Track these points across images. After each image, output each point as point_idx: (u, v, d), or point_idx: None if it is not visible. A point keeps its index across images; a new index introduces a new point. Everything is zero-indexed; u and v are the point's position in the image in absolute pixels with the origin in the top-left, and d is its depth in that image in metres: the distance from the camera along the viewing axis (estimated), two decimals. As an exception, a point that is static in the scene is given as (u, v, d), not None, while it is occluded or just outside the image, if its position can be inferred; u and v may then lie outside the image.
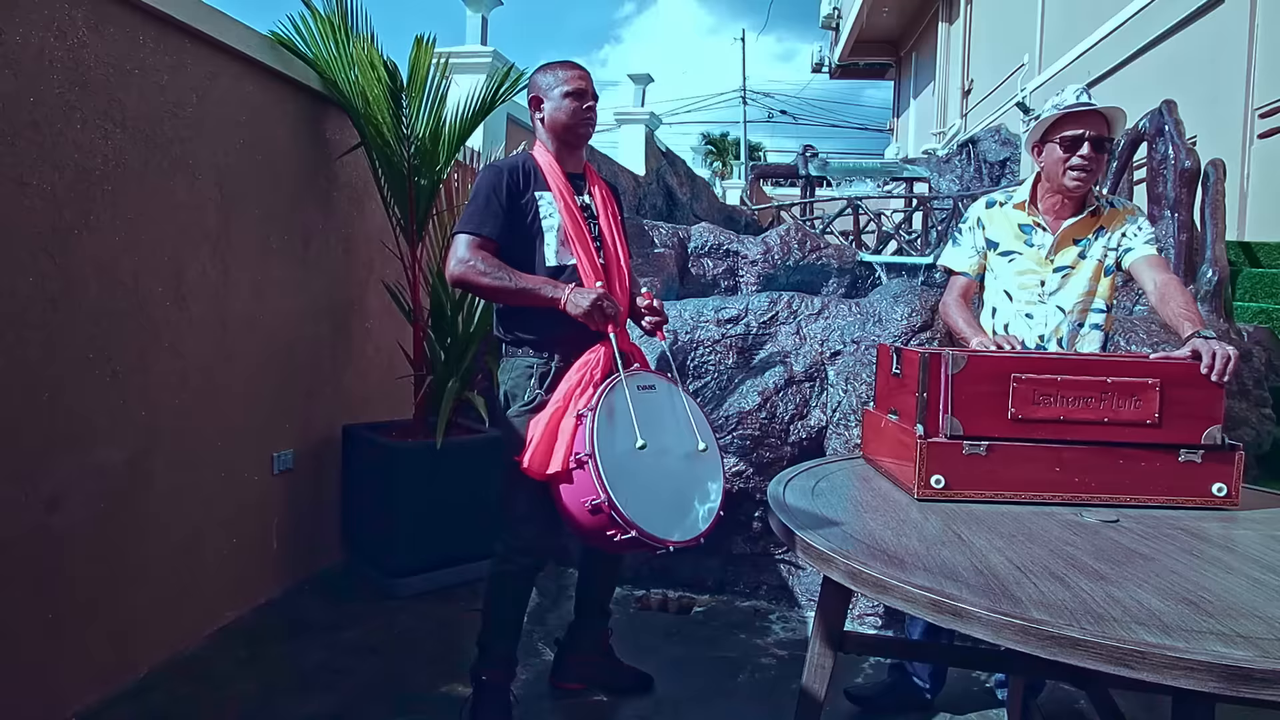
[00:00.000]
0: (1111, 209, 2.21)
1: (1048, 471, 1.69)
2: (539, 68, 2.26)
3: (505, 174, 2.14)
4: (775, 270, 5.67)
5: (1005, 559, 1.36)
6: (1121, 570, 1.32)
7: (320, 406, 3.22)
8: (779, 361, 3.50)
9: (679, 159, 8.51)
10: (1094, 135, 2.08)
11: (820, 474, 1.93)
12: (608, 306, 2.02)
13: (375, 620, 2.88)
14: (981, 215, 2.31)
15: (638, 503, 1.88)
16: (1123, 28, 8.18)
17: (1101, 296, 2.19)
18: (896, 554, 1.36)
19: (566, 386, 2.04)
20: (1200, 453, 1.69)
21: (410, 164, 2.96)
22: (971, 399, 1.69)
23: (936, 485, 1.68)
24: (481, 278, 2.04)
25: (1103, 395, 1.68)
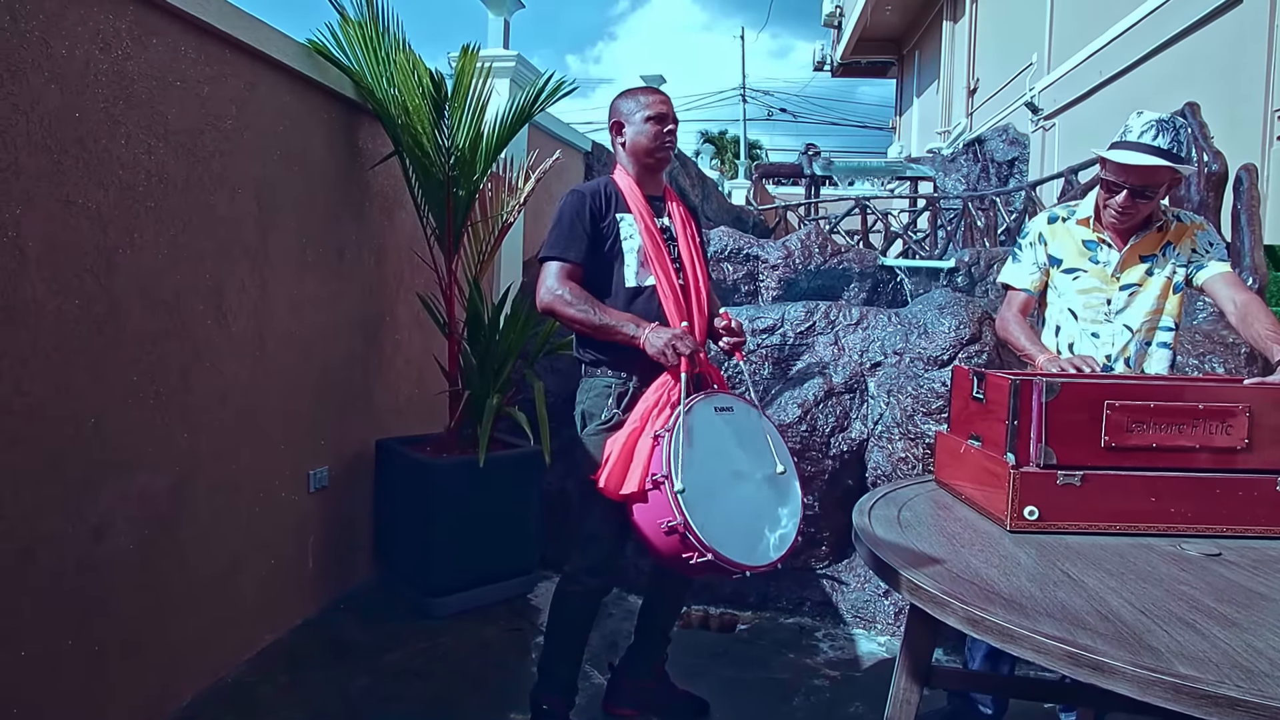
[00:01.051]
0: (1179, 224, 2.16)
1: (1143, 501, 1.64)
2: (621, 94, 2.27)
3: (588, 198, 2.15)
4: (796, 275, 5.61)
5: (1124, 601, 1.30)
6: (1249, 614, 1.27)
7: (354, 421, 3.16)
8: (817, 373, 3.45)
9: (690, 161, 8.45)
10: (1134, 186, 2.00)
11: (899, 500, 1.88)
12: (682, 346, 2.00)
13: (417, 642, 2.82)
14: (1044, 230, 2.25)
15: (714, 525, 1.84)
16: (1136, 27, 8.13)
17: (1170, 315, 2.14)
18: (1012, 597, 1.31)
19: (644, 406, 2.02)
20: (1298, 481, 1.64)
21: (449, 175, 2.90)
22: (1064, 427, 1.63)
23: (1030, 517, 1.63)
24: (568, 308, 2.05)
25: (1195, 421, 1.63)
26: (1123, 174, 2.04)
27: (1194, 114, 5.36)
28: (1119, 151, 2.03)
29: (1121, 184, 2.04)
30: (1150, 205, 2.08)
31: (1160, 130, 1.99)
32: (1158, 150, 1.95)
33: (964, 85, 13.52)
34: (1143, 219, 2.13)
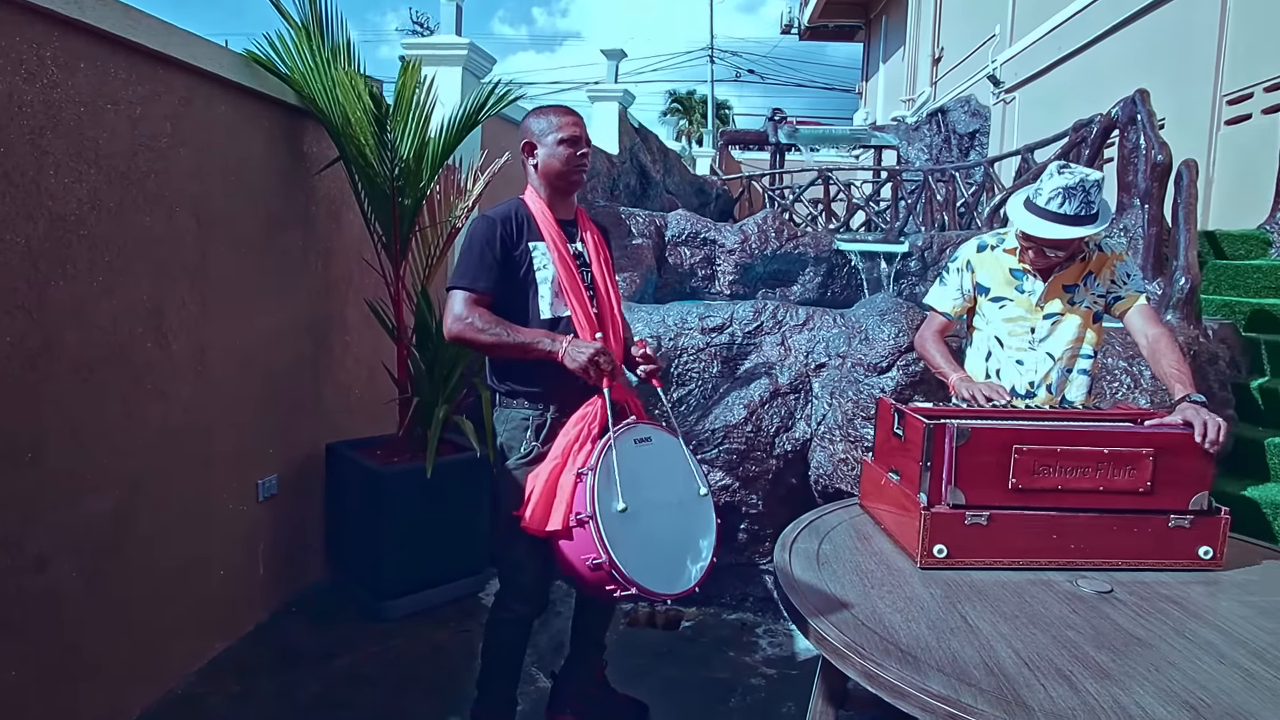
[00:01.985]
0: (1100, 254, 2.24)
1: (1045, 539, 1.74)
2: (531, 112, 2.21)
3: (499, 225, 2.10)
4: (752, 260, 5.66)
5: (1012, 651, 1.40)
6: (1122, 662, 1.37)
7: (303, 426, 3.17)
8: (764, 373, 3.52)
9: (652, 134, 8.41)
10: (1049, 241, 2.07)
11: (822, 530, 1.96)
12: (604, 361, 2.01)
13: (368, 645, 2.89)
14: (972, 259, 2.32)
15: (637, 560, 1.89)
16: (1095, 5, 8.18)
17: (1089, 343, 2.23)
18: (909, 648, 1.40)
19: (564, 441, 2.03)
20: (1189, 518, 1.75)
21: (394, 184, 2.88)
22: (974, 469, 1.72)
23: (939, 555, 1.72)
24: (480, 335, 2.02)
25: (1099, 465, 1.72)
26: (1032, 240, 2.11)
27: (1144, 101, 5.43)
28: (1030, 220, 2.09)
29: (1041, 244, 2.12)
30: (1067, 255, 2.16)
31: (1068, 198, 2.05)
32: (1065, 218, 2.03)
33: (929, 54, 13.50)
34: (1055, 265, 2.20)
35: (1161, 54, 7.18)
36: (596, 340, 2.05)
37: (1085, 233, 2.05)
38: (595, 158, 6.58)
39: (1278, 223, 5.61)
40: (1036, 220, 2.05)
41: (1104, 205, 2.09)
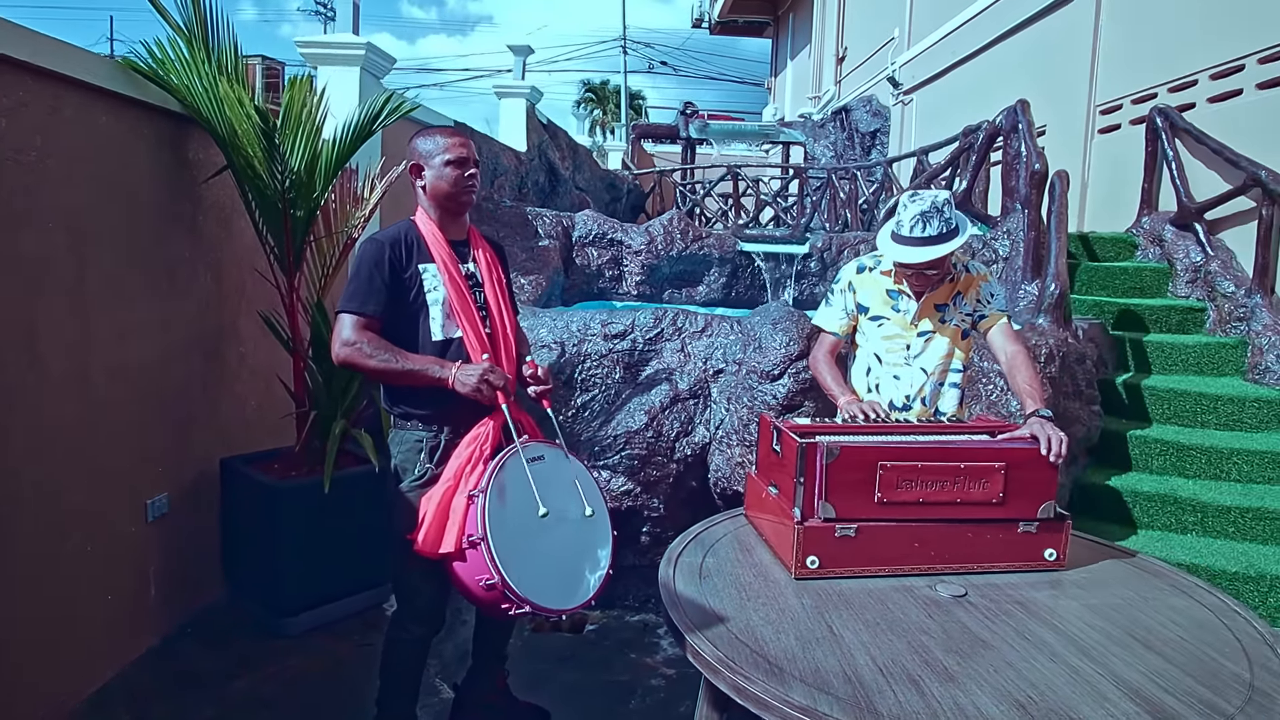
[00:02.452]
0: (967, 275, 2.40)
1: (908, 547, 1.87)
2: (418, 133, 2.21)
3: (387, 248, 2.10)
4: (658, 260, 5.76)
5: (870, 658, 1.52)
6: (967, 665, 1.50)
7: (195, 441, 3.10)
8: (664, 379, 3.61)
9: (561, 130, 8.40)
10: (923, 265, 2.21)
11: (708, 543, 2.05)
12: (494, 379, 2.05)
13: (267, 665, 2.85)
14: (853, 280, 2.45)
15: (530, 578, 1.95)
16: (984, 14, 8.57)
17: (959, 358, 2.39)
18: (776, 660, 1.50)
19: (457, 463, 2.06)
20: (1036, 524, 1.91)
21: (285, 196, 2.83)
22: (843, 485, 1.84)
23: (812, 565, 1.83)
24: (368, 360, 2.03)
25: (956, 478, 1.87)
26: (909, 266, 2.25)
27: (1024, 111, 5.75)
28: (900, 251, 2.23)
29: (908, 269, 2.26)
30: (939, 273, 2.30)
31: (926, 222, 2.19)
32: (930, 240, 2.17)
33: (833, 53, 13.87)
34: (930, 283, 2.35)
35: (1043, 64, 7.60)
36: (484, 360, 2.09)
37: (951, 248, 2.20)
38: (503, 155, 6.56)
39: (1142, 227, 6.04)
40: (906, 249, 2.19)
41: (960, 218, 2.25)
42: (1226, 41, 5.49)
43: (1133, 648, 1.59)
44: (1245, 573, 3.55)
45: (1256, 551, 3.74)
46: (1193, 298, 5.51)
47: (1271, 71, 5.15)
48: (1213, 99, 5.65)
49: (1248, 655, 1.59)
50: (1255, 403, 4.54)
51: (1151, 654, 1.57)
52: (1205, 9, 5.75)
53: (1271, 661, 1.57)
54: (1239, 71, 5.41)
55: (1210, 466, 4.26)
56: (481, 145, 6.17)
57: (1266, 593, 3.52)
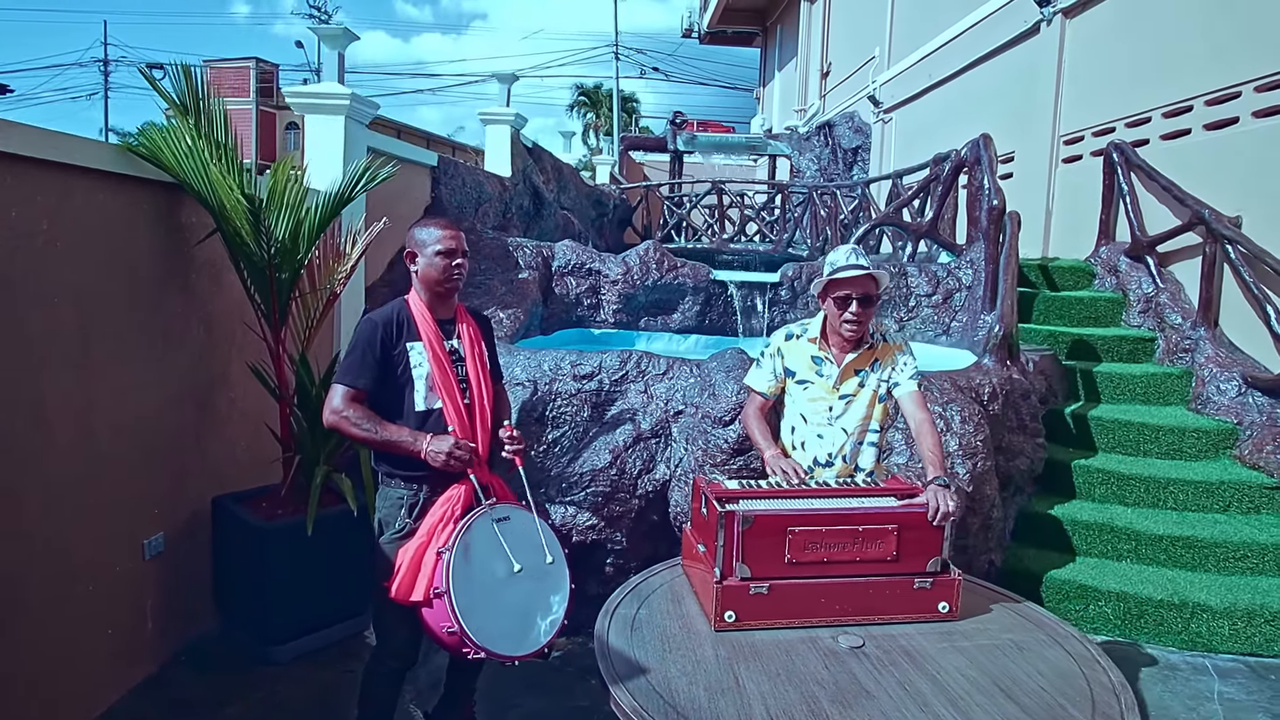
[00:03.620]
0: (885, 344, 2.65)
1: (815, 603, 2.13)
2: (417, 222, 2.50)
3: (380, 329, 2.39)
4: (635, 290, 6.01)
5: (765, 708, 1.77)
6: (847, 714, 1.76)
7: (188, 484, 3.34)
8: (629, 419, 3.86)
9: (546, 152, 8.64)
10: (860, 295, 2.48)
11: (643, 595, 2.31)
12: (460, 453, 2.30)
13: (256, 692, 3.10)
14: (782, 346, 2.70)
15: (488, 628, 2.20)
16: (959, 39, 8.82)
17: (876, 420, 2.64)
18: (684, 710, 1.75)
19: (430, 521, 2.32)
20: (930, 580, 2.17)
21: (271, 263, 3.08)
22: (757, 548, 2.10)
23: (729, 619, 2.09)
24: (353, 429, 2.31)
25: (856, 540, 2.13)
26: (849, 286, 2.51)
27: (986, 146, 6.00)
28: (845, 271, 2.50)
29: (848, 295, 2.51)
30: (872, 313, 2.56)
31: (857, 254, 2.54)
32: (861, 266, 2.49)
33: (818, 67, 14.12)
34: (866, 329, 2.60)
35: (1012, 93, 7.86)
36: (449, 435, 2.35)
37: (880, 274, 2.51)
38: (487, 183, 6.81)
39: (1100, 257, 6.31)
40: (850, 270, 2.48)
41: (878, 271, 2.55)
42: (1177, 82, 5.75)
43: (996, 697, 1.85)
44: (1169, 600, 3.81)
45: (1184, 579, 4.01)
46: (1144, 327, 5.77)
47: (1216, 114, 5.41)
48: (1165, 136, 5.91)
49: (1094, 703, 1.84)
50: (1195, 433, 4.81)
51: (1011, 703, 1.83)
52: (1159, 48, 6.01)
53: (1112, 709, 1.83)
54: (1188, 112, 5.67)
55: (1149, 495, 4.52)
56: (465, 176, 6.42)
57: (1189, 619, 3.78)
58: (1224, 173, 5.29)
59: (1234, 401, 4.91)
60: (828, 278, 2.55)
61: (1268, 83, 4.99)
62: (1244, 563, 4.07)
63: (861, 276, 2.48)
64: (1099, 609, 3.89)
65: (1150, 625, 3.82)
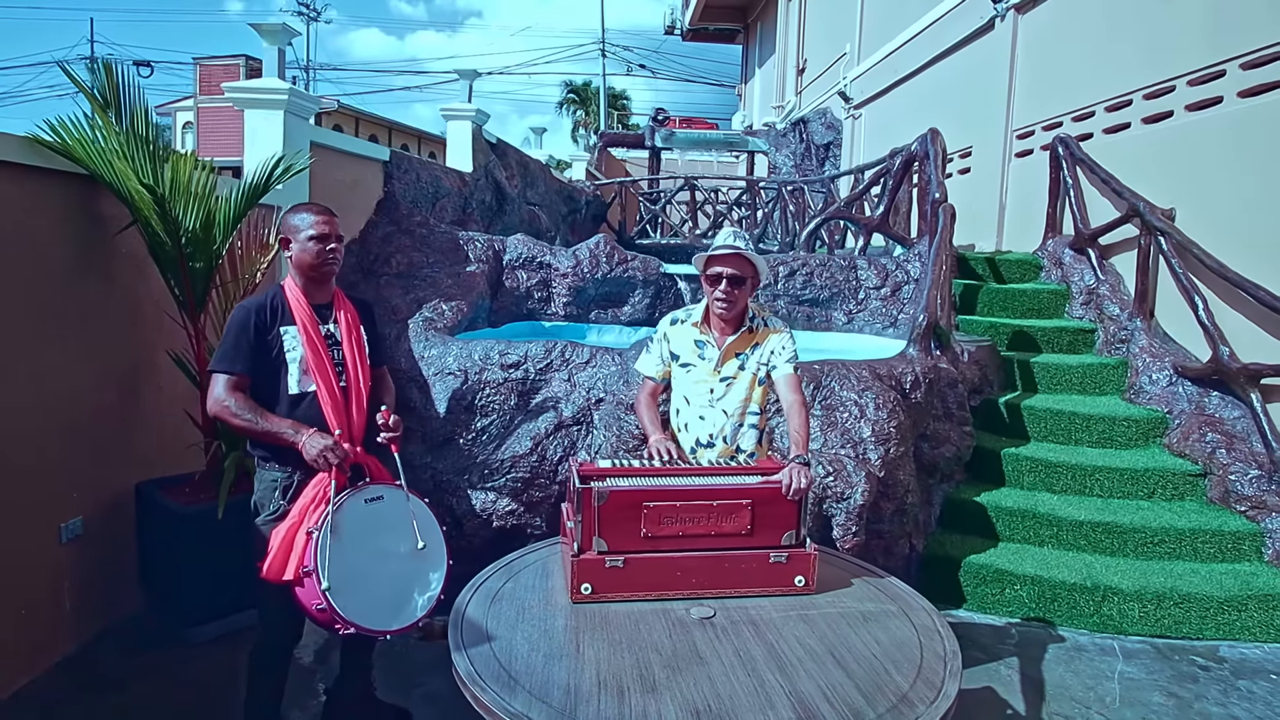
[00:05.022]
0: (765, 327, 2.72)
1: (671, 576, 2.20)
2: (289, 209, 2.55)
3: (253, 314, 2.45)
4: (585, 283, 6.08)
5: (596, 672, 1.84)
6: (675, 678, 1.83)
7: (110, 470, 3.42)
8: (552, 407, 3.94)
9: (510, 148, 8.70)
10: (731, 274, 2.56)
11: (515, 570, 2.39)
12: (331, 457, 2.36)
13: (170, 670, 3.18)
14: (668, 331, 2.78)
15: (357, 603, 2.27)
16: (922, 35, 8.89)
17: (756, 402, 2.71)
18: (517, 674, 1.83)
19: (302, 502, 2.39)
20: (786, 555, 2.24)
21: (182, 250, 3.15)
22: (613, 523, 2.17)
23: (586, 592, 2.17)
24: (234, 418, 2.38)
25: (710, 515, 2.20)
26: (721, 264, 2.58)
27: (934, 140, 6.07)
28: (718, 250, 2.58)
29: (720, 273, 2.58)
30: (745, 294, 2.63)
31: (736, 236, 2.62)
32: (736, 247, 2.57)
33: (795, 64, 14.18)
34: (742, 309, 2.67)
35: (970, 88, 7.92)
36: (332, 435, 2.40)
37: (753, 255, 2.59)
38: (444, 179, 6.87)
39: (1046, 250, 6.38)
40: (722, 248, 2.57)
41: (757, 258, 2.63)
42: (1119, 76, 5.82)
43: (825, 663, 1.92)
44: (1083, 584, 3.89)
45: (1100, 563, 4.09)
46: (1085, 319, 5.85)
47: (1153, 108, 5.48)
48: (1107, 130, 5.98)
49: (920, 671, 1.92)
50: (1126, 422, 4.89)
51: (839, 670, 1.90)
52: (1102, 42, 6.08)
53: (936, 675, 1.90)
54: (1127, 106, 5.75)
55: (1076, 482, 4.60)
56: (420, 171, 6.48)
57: (1100, 602, 3.86)
58: (1160, 166, 5.37)
59: (1165, 391, 4.99)
60: (706, 255, 2.63)
61: (1199, 76, 5.06)
62: (1161, 548, 4.15)
63: (732, 256, 2.56)
64: (1014, 593, 3.97)
65: (1064, 608, 3.90)
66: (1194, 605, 3.80)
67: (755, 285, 2.69)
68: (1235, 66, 4.79)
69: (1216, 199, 4.90)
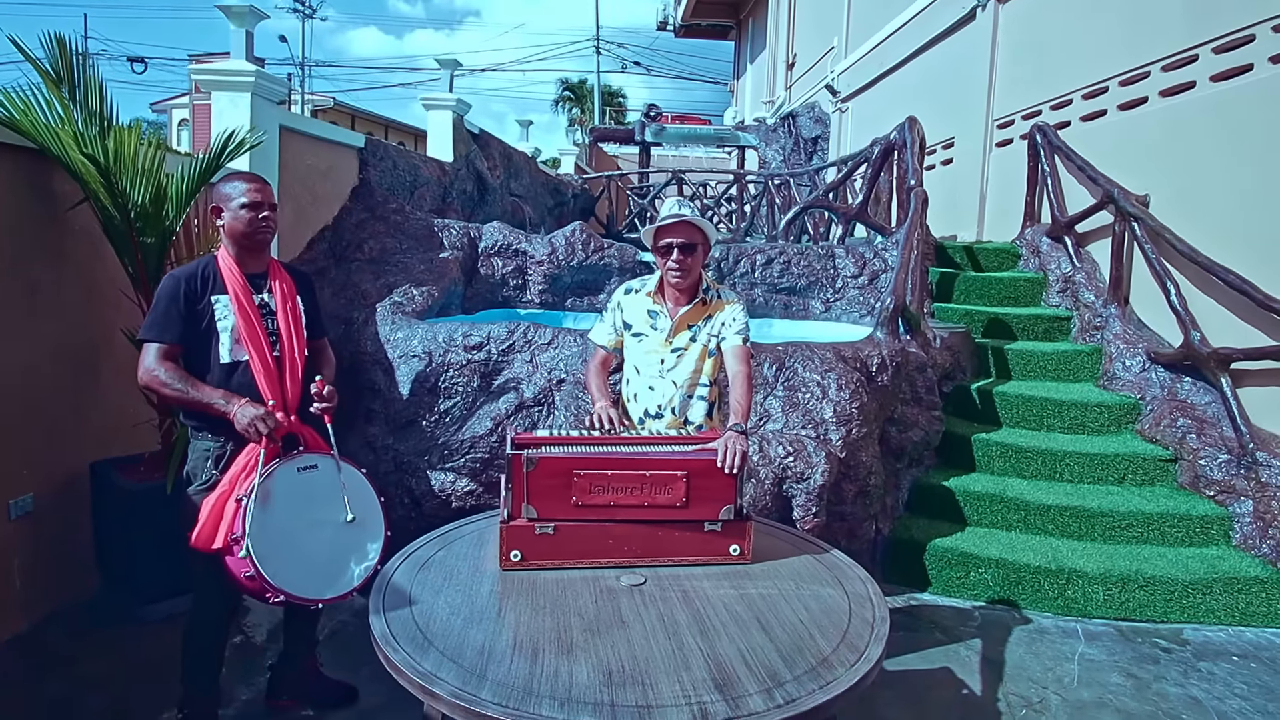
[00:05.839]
0: (718, 299, 2.70)
1: (603, 544, 2.18)
2: (221, 178, 2.52)
3: (183, 282, 2.42)
4: (560, 270, 6.05)
5: (514, 634, 1.82)
6: (592, 641, 1.81)
7: (63, 448, 3.39)
8: (513, 388, 3.92)
9: (494, 139, 8.67)
10: (681, 243, 2.54)
11: (451, 539, 2.36)
12: (262, 426, 2.33)
13: (122, 648, 3.15)
14: (621, 300, 2.76)
15: (287, 571, 2.25)
16: (906, 27, 8.87)
17: (706, 374, 2.69)
18: (433, 636, 1.80)
19: (233, 471, 2.37)
20: (720, 524, 2.22)
21: (133, 226, 3.13)
22: (543, 490, 2.15)
23: (515, 559, 2.14)
24: (164, 388, 2.35)
25: (643, 485, 2.17)
26: (670, 234, 2.57)
27: (911, 128, 6.06)
28: (666, 220, 2.56)
29: (670, 244, 2.56)
30: (697, 261, 2.61)
31: (681, 205, 2.62)
32: (683, 215, 2.55)
33: (784, 59, 14.16)
34: (696, 278, 2.65)
35: (952, 79, 7.90)
36: (264, 405, 2.38)
37: (701, 222, 2.58)
38: (423, 167, 6.85)
39: (1025, 238, 6.36)
40: (670, 217, 2.55)
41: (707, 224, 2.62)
42: (1096, 63, 5.80)
43: (749, 629, 1.90)
44: (1048, 566, 3.87)
45: (1066, 547, 4.06)
46: (1062, 307, 5.83)
47: (1129, 94, 5.46)
48: (1084, 118, 5.96)
49: (845, 636, 1.89)
50: (1098, 408, 4.87)
51: (762, 634, 1.88)
52: (1080, 30, 6.06)
53: (861, 640, 1.88)
54: (1104, 93, 5.72)
55: (1046, 468, 4.58)
56: (397, 159, 6.46)
57: (1065, 585, 3.84)
58: (1135, 152, 5.35)
59: (1138, 377, 4.97)
60: (654, 228, 2.61)
61: (1173, 61, 5.04)
62: (1129, 532, 4.13)
63: (680, 224, 2.54)
64: (979, 575, 3.95)
65: (1028, 591, 3.88)
66: (1159, 588, 3.77)
67: (706, 251, 2.67)
68: (1208, 51, 4.77)
69: (1189, 184, 4.88)
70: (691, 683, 1.66)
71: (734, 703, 1.60)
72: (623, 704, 1.58)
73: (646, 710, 1.56)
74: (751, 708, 1.58)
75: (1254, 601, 3.75)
